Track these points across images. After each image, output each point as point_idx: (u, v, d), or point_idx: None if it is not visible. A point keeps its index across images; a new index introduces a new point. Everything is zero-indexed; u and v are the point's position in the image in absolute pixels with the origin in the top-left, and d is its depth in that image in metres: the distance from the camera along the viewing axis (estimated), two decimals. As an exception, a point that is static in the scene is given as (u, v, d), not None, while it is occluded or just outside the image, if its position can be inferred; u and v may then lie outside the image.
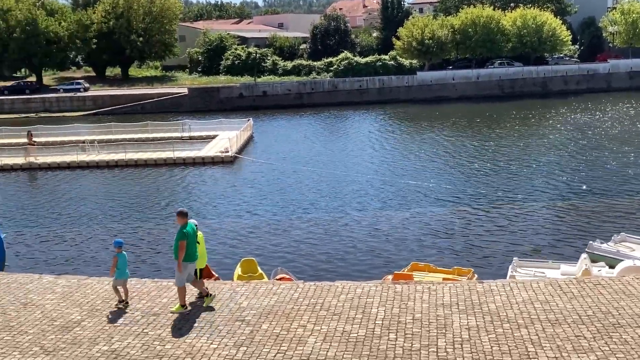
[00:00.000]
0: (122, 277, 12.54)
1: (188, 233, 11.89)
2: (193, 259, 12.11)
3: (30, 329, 11.56)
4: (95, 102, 78.81)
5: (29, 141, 40.39)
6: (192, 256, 12.05)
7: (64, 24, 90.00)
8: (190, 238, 11.91)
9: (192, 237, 12.00)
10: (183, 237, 11.80)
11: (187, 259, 11.95)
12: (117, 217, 26.32)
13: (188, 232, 11.90)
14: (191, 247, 11.95)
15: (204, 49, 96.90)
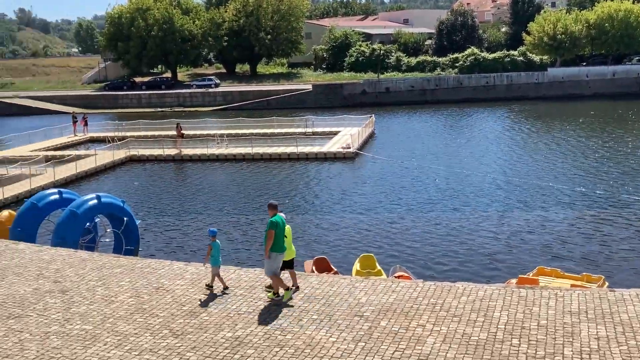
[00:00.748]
0: (216, 264, 13.16)
1: (277, 224, 12.22)
2: (281, 250, 12.42)
3: (161, 312, 12.23)
4: (225, 98, 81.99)
5: (177, 133, 42.33)
6: (281, 247, 12.38)
7: (198, 23, 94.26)
8: (278, 229, 12.23)
9: (281, 229, 12.32)
10: (272, 226, 12.17)
11: (276, 249, 12.30)
12: (244, 208, 27.24)
13: (277, 222, 12.24)
14: (279, 238, 12.28)
15: (329, 46, 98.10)
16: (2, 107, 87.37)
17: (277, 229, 12.23)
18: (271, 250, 12.27)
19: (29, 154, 40.41)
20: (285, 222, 12.60)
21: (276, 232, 12.21)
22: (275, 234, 12.20)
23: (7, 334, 11.45)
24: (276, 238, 12.23)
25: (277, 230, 12.23)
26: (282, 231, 12.38)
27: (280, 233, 12.32)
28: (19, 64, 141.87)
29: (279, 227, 12.27)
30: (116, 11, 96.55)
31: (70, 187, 30.53)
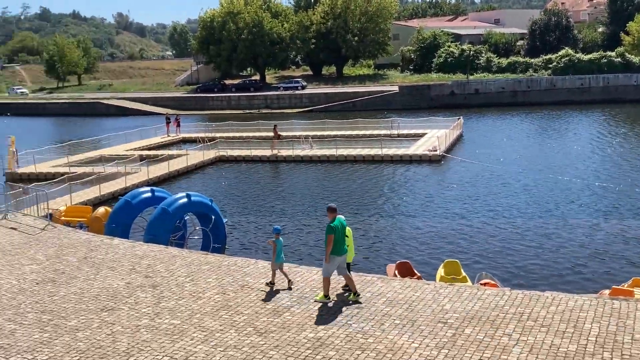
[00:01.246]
0: (278, 260, 13.53)
1: (336, 227, 12.38)
2: (340, 253, 12.50)
3: (245, 309, 12.47)
4: (311, 100, 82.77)
5: (274, 134, 42.95)
6: (340, 250, 12.47)
7: (287, 25, 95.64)
8: (337, 232, 12.37)
9: (340, 232, 12.45)
10: (330, 231, 12.35)
11: (335, 252, 12.41)
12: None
13: (336, 226, 12.40)
14: (339, 241, 12.39)
15: (416, 47, 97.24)
16: (101, 108, 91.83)
17: (336, 233, 12.37)
18: (331, 253, 12.40)
19: (124, 153, 42.21)
20: (345, 224, 12.74)
21: (335, 236, 12.36)
22: (335, 238, 12.35)
23: (100, 326, 11.99)
24: (335, 242, 12.37)
25: (336, 234, 12.37)
26: (341, 234, 12.50)
27: (339, 237, 12.44)
28: (117, 67, 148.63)
29: (337, 231, 12.42)
30: (208, 15, 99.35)
31: (162, 185, 31.64)
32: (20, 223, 20.66)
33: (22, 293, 14.04)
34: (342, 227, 12.59)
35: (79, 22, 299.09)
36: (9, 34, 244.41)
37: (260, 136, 50.26)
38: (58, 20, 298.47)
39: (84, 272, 15.33)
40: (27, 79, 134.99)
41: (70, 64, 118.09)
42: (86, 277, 14.89)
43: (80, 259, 16.41)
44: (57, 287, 14.34)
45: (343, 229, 12.63)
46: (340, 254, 12.56)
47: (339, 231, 12.49)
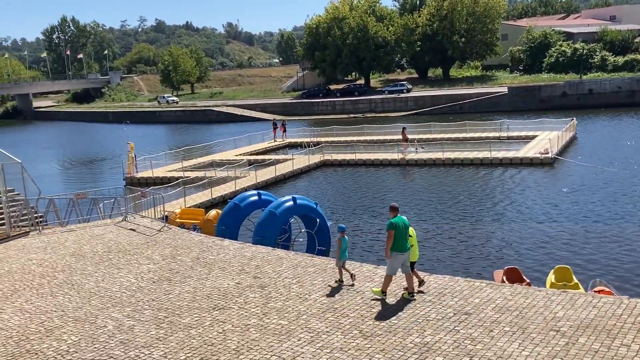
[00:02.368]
0: (342, 258, 14.18)
1: (396, 224, 12.70)
2: (402, 250, 12.81)
3: (351, 312, 12.54)
4: (417, 103, 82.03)
5: (403, 137, 42.53)
6: (401, 247, 12.78)
7: (392, 29, 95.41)
8: (398, 230, 12.68)
9: (401, 229, 12.74)
10: (390, 227, 12.74)
11: (396, 249, 12.75)
12: (433, 214, 27.01)
13: (397, 223, 12.72)
14: (399, 238, 12.71)
15: (526, 47, 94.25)
16: (212, 114, 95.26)
17: (396, 230, 12.69)
18: (392, 250, 12.75)
19: (234, 158, 43.57)
20: (408, 224, 13.06)
21: (395, 232, 12.68)
22: (395, 234, 12.66)
23: (212, 324, 12.43)
24: (396, 238, 12.68)
25: (396, 231, 12.69)
26: (402, 232, 12.77)
27: (400, 234, 12.72)
28: (227, 75, 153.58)
29: (398, 228, 12.72)
30: (314, 22, 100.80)
31: (269, 189, 32.40)
32: (139, 224, 21.78)
33: (140, 291, 14.80)
34: (403, 225, 12.86)
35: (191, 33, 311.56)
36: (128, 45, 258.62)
37: (365, 140, 50.43)
38: (172, 31, 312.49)
39: (197, 271, 15.95)
40: (144, 89, 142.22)
41: (183, 73, 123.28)
42: (199, 277, 15.49)
43: (193, 259, 17.10)
44: (172, 285, 15.00)
45: (405, 227, 12.90)
46: (402, 251, 12.85)
47: (400, 228, 12.74)
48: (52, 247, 19.44)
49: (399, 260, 12.91)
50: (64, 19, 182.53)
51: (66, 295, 14.89)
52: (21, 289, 15.57)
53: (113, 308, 13.78)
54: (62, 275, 16.50)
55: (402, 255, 12.89)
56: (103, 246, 19.18)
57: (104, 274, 16.36)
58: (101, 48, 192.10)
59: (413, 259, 13.56)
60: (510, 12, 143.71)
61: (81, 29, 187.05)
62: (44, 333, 12.63)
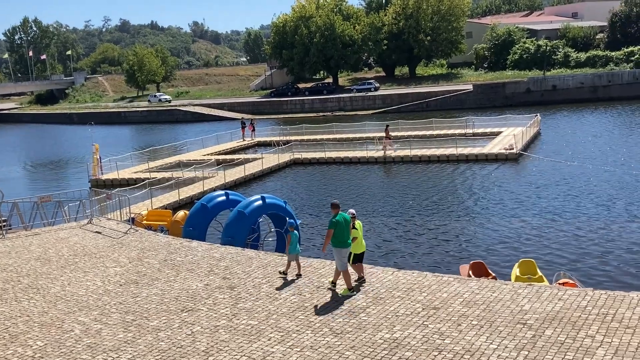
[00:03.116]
0: (293, 252, 14.76)
1: (337, 222, 13.23)
2: (344, 245, 13.33)
3: (321, 310, 12.55)
4: (384, 101, 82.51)
5: (386, 135, 42.03)
6: (343, 243, 13.31)
7: (358, 27, 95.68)
8: (339, 226, 13.22)
9: (342, 226, 13.26)
10: (331, 225, 13.27)
11: (338, 245, 13.28)
12: (399, 210, 27.17)
13: (338, 220, 13.25)
14: (341, 234, 13.24)
15: (490, 44, 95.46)
16: (178, 114, 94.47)
17: (337, 227, 13.21)
18: (334, 245, 13.29)
19: (202, 158, 43.26)
20: (349, 219, 13.57)
21: (336, 229, 13.20)
22: (336, 231, 13.20)
23: (180, 326, 12.33)
24: (337, 235, 13.22)
25: (337, 228, 13.20)
26: (343, 228, 13.26)
27: (340, 230, 13.22)
28: (194, 74, 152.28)
29: (339, 225, 13.23)
30: (281, 20, 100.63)
31: (238, 189, 32.26)
32: (105, 227, 21.51)
33: (107, 294, 14.62)
34: (344, 221, 13.38)
35: (156, 32, 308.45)
36: (92, 46, 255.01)
37: (334, 138, 50.52)
38: (137, 31, 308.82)
39: (164, 274, 15.81)
40: (109, 89, 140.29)
41: (149, 73, 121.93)
42: (167, 279, 15.35)
43: (161, 261, 16.94)
44: (140, 288, 14.85)
45: (346, 223, 13.42)
46: (344, 246, 13.37)
47: (342, 225, 13.27)
48: (17, 252, 19.09)
49: (343, 253, 13.40)
50: (26, 20, 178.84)
51: (31, 300, 14.64)
52: (-16, 294, 15.26)
53: (80, 312, 13.59)
54: (26, 279, 16.21)
55: (345, 249, 13.42)
56: (69, 249, 18.90)
57: (69, 277, 16.12)
58: (65, 49, 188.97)
59: (359, 250, 14.06)
60: (474, 10, 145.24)
61: (44, 29, 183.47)
62: (9, 339, 12.39)
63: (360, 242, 14.12)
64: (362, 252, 14.21)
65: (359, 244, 14.03)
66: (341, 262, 13.35)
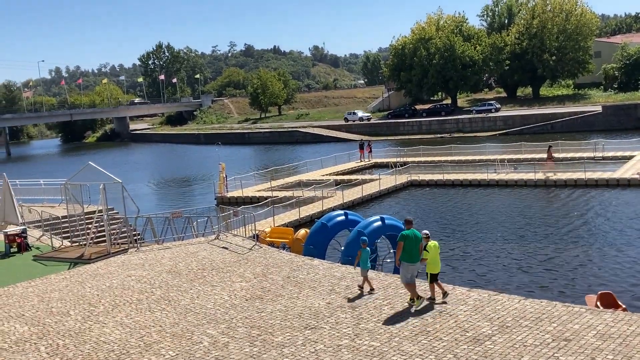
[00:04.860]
0: (365, 267, 15.46)
1: (407, 236, 13.82)
2: (412, 260, 13.86)
3: (444, 336, 12.33)
4: (506, 122, 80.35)
5: (548, 156, 40.79)
6: (411, 258, 13.84)
7: (479, 48, 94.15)
8: (408, 241, 13.77)
9: (412, 241, 13.80)
10: (401, 238, 13.93)
11: (406, 259, 13.86)
12: (523, 235, 26.26)
13: (407, 235, 13.84)
14: (410, 250, 13.79)
15: (621, 64, 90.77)
16: (298, 135, 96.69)
17: (406, 241, 13.76)
18: (402, 259, 13.87)
19: (321, 178, 43.93)
20: (420, 237, 14.05)
21: (405, 243, 13.75)
22: (405, 245, 13.74)
23: (304, 344, 12.52)
24: (407, 249, 13.76)
25: (406, 242, 13.75)
26: (412, 244, 13.80)
27: (410, 245, 13.75)
28: (313, 97, 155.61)
29: (408, 239, 13.78)
30: (400, 42, 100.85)
31: (356, 209, 32.45)
32: (231, 243, 22.30)
33: (234, 308, 15.11)
34: (414, 237, 13.87)
35: (278, 57, 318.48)
36: (218, 70, 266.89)
37: (453, 160, 49.76)
38: (261, 55, 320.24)
39: (287, 290, 16.15)
40: (234, 111, 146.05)
41: (271, 95, 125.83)
42: (290, 296, 15.66)
43: (284, 278, 17.32)
44: (264, 304, 15.24)
45: (416, 240, 13.89)
46: (412, 262, 13.87)
47: (411, 240, 13.79)
48: (150, 264, 20.18)
49: (410, 270, 13.91)
50: (159, 45, 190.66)
51: (163, 311, 15.39)
52: (121, 304, 16.22)
53: (208, 324, 14.13)
54: (159, 291, 17.08)
55: (412, 266, 13.92)
56: (197, 263, 19.74)
57: (198, 290, 16.83)
58: (193, 72, 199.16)
59: (434, 270, 14.27)
60: (603, 29, 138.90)
61: (175, 54, 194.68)
62: (144, 347, 13.08)
63: (435, 263, 14.36)
64: (437, 272, 14.42)
65: (433, 264, 14.30)
66: (405, 276, 13.97)
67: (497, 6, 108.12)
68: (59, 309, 16.18)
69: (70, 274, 19.77)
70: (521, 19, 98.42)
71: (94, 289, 17.82)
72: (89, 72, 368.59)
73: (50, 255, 22.55)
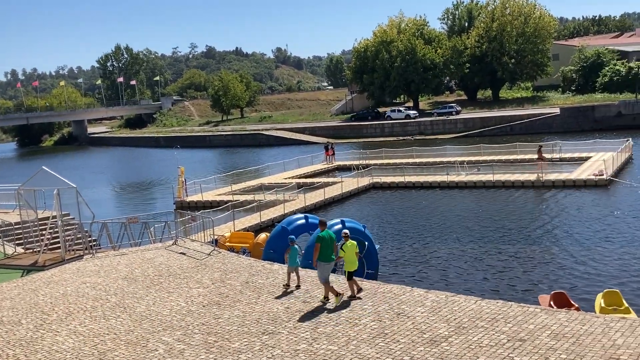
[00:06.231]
0: (292, 265, 16.09)
1: (322, 237, 14.79)
2: (327, 260, 14.76)
3: (402, 338, 12.32)
4: (466, 125, 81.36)
5: (539, 156, 40.65)
6: (326, 257, 14.76)
7: (440, 51, 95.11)
8: (324, 242, 14.71)
9: (327, 242, 14.76)
10: (317, 240, 14.90)
11: (322, 259, 14.71)
12: (483, 237, 26.54)
13: (323, 236, 14.81)
14: (325, 250, 14.69)
15: (578, 67, 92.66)
16: (262, 138, 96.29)
17: (322, 242, 14.69)
18: (319, 260, 14.69)
19: (283, 181, 43.78)
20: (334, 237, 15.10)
21: (322, 244, 14.66)
22: (321, 246, 14.64)
23: (261, 349, 12.39)
24: (323, 250, 14.62)
25: (322, 243, 14.68)
26: (328, 244, 14.71)
27: (325, 246, 14.67)
28: (276, 99, 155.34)
29: (324, 240, 14.72)
30: (362, 45, 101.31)
31: (318, 212, 32.41)
32: (189, 248, 22.02)
33: (190, 315, 14.89)
34: (329, 238, 14.85)
35: (241, 58, 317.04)
36: (179, 72, 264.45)
37: (414, 162, 50.10)
38: (222, 57, 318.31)
39: (246, 295, 15.98)
40: (195, 114, 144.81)
41: (233, 98, 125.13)
42: (248, 301, 15.50)
43: (242, 283, 17.14)
44: (222, 309, 15.05)
45: (331, 240, 14.87)
46: (328, 261, 14.75)
47: (326, 241, 14.73)
48: (105, 271, 19.79)
49: (326, 268, 14.74)
50: (118, 47, 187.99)
51: (118, 318, 15.09)
52: (75, 311, 15.86)
53: (164, 332, 13.89)
54: (114, 298, 16.75)
55: (328, 265, 14.77)
56: (154, 270, 19.43)
57: (154, 297, 16.54)
58: (153, 74, 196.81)
59: (350, 268, 15.00)
60: (561, 31, 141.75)
61: (134, 56, 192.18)
62: (97, 356, 12.79)
63: (351, 261, 15.07)
64: (353, 270, 15.10)
65: (350, 262, 15.03)
66: (323, 275, 14.74)
67: (458, 9, 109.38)
68: (10, 317, 15.74)
69: (23, 282, 19.26)
70: (481, 22, 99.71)
71: (48, 296, 17.39)
72: (46, 75, 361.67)
73: (2, 263, 21.95)
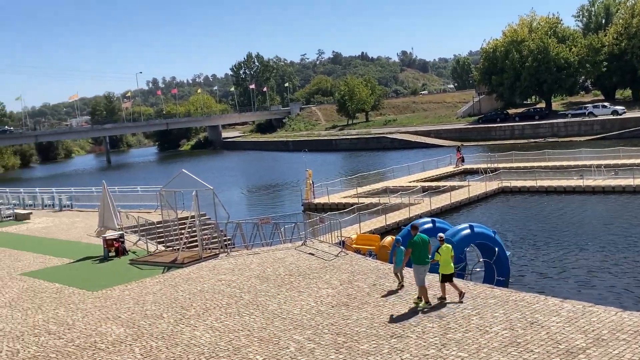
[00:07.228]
0: (398, 265, 16.71)
1: (414, 243, 15.18)
2: (421, 262, 15.11)
3: (535, 348, 11.91)
4: (603, 126, 77.12)
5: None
6: (420, 260, 15.12)
7: (574, 50, 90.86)
8: (416, 246, 15.14)
9: (419, 246, 15.14)
10: (408, 245, 15.33)
11: (417, 261, 15.14)
12: (620, 245, 25.03)
13: (415, 241, 15.20)
14: (419, 253, 15.11)
15: None
16: (386, 141, 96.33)
17: (414, 246, 15.11)
18: (414, 263, 15.15)
19: (408, 185, 43.55)
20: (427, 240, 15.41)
21: (414, 249, 15.10)
22: (414, 250, 15.08)
23: (390, 352, 12.41)
24: (416, 253, 15.06)
25: (414, 247, 15.10)
26: (420, 248, 15.09)
27: (417, 249, 15.07)
28: (401, 102, 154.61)
29: (416, 245, 15.11)
30: (491, 45, 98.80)
31: (444, 216, 31.95)
32: (317, 249, 22.47)
33: (320, 315, 15.20)
34: (422, 242, 15.21)
35: (366, 63, 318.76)
36: (306, 77, 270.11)
37: (547, 166, 48.15)
38: (348, 62, 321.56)
39: (373, 298, 16.08)
40: (321, 118, 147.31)
41: (359, 102, 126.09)
42: (376, 304, 15.59)
43: (370, 285, 17.27)
44: (350, 311, 15.24)
45: (424, 243, 15.23)
46: (422, 264, 15.10)
47: (419, 245, 15.12)
48: (239, 269, 20.62)
49: (420, 271, 15.08)
50: (250, 55, 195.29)
51: (252, 315, 15.68)
52: (212, 307, 16.65)
53: (294, 330, 14.28)
54: (248, 296, 17.42)
55: (422, 267, 15.12)
56: (285, 269, 20.00)
57: (285, 296, 17.04)
58: (282, 81, 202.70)
59: (445, 271, 15.14)
60: None
61: (265, 64, 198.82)
62: (232, 351, 13.37)
63: (447, 264, 15.14)
64: (448, 273, 15.17)
65: (445, 265, 15.13)
66: (419, 278, 15.04)
67: (594, 6, 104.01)
68: (153, 311, 16.80)
69: (164, 278, 20.49)
70: (619, 18, 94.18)
71: (186, 292, 18.39)
72: (183, 83, 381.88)
73: (145, 260, 23.48)
